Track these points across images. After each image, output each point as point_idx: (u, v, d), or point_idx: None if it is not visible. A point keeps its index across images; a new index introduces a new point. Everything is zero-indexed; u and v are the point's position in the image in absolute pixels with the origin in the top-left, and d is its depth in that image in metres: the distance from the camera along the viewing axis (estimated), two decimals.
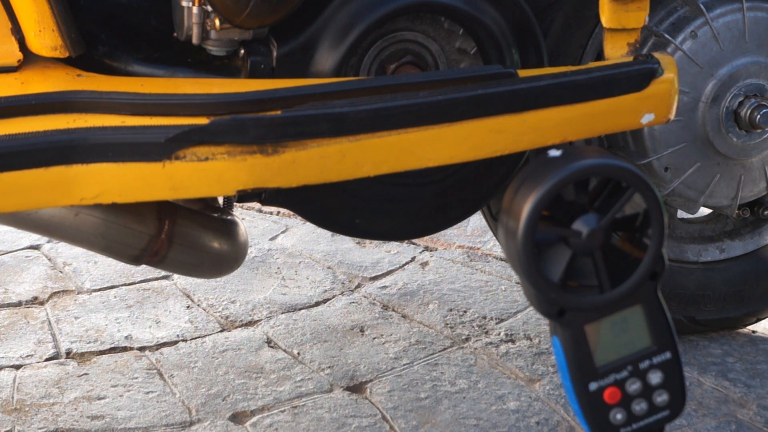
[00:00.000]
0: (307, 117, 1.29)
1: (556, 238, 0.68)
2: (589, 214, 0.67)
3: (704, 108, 1.66)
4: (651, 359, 0.69)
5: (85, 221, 1.43)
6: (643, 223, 0.68)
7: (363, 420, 1.67)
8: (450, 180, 1.52)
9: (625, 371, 0.69)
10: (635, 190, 0.67)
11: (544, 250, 0.68)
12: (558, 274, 0.67)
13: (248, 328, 1.97)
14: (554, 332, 0.69)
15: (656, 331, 0.69)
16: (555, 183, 0.67)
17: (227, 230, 1.53)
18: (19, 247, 2.36)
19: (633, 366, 0.69)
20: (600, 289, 0.68)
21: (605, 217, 0.67)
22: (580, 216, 0.67)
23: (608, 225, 0.67)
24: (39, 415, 1.70)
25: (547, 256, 0.68)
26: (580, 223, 0.67)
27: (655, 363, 0.69)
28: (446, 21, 1.47)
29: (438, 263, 2.23)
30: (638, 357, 0.69)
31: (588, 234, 0.67)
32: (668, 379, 0.69)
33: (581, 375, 0.69)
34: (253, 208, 2.56)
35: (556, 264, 0.68)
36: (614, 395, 0.70)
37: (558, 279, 0.67)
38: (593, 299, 0.68)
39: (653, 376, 0.69)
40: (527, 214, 0.66)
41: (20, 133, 1.24)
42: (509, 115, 1.36)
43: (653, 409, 0.70)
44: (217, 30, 1.37)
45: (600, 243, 0.67)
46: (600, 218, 0.67)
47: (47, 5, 1.32)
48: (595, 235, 0.67)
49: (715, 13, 1.65)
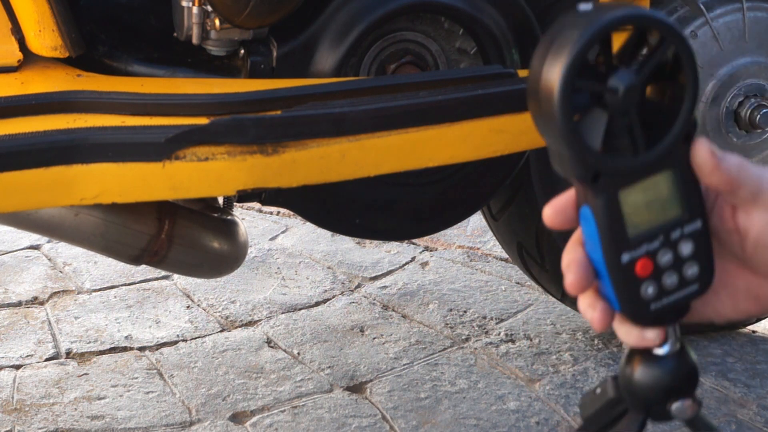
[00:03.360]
0: (307, 117, 1.29)
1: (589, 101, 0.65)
2: (622, 71, 0.65)
3: (704, 108, 1.66)
4: (682, 228, 0.67)
5: (85, 221, 1.43)
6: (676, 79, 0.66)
7: (363, 420, 1.67)
8: (450, 180, 1.52)
9: (657, 241, 0.67)
10: (670, 41, 0.65)
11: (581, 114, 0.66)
12: (596, 138, 0.65)
13: (248, 328, 1.97)
14: (585, 201, 0.67)
15: (688, 198, 0.67)
16: (592, 34, 0.64)
17: (227, 230, 1.53)
18: (19, 247, 2.36)
19: (665, 236, 0.67)
20: (635, 150, 0.66)
21: (642, 71, 0.65)
22: (612, 74, 0.65)
23: (645, 80, 0.65)
24: (39, 415, 1.69)
25: (583, 121, 0.66)
26: (615, 80, 0.65)
27: (686, 233, 0.67)
28: (446, 21, 1.47)
29: (438, 263, 2.23)
30: (670, 226, 0.67)
31: (625, 90, 0.65)
32: (699, 249, 0.67)
33: (614, 245, 0.67)
34: (253, 208, 2.56)
35: (593, 129, 0.66)
36: (646, 267, 0.67)
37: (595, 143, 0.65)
38: (629, 161, 0.66)
39: (684, 246, 0.67)
40: (564, 70, 0.64)
41: (20, 133, 1.24)
42: (509, 115, 1.36)
43: (683, 282, 0.68)
44: (217, 30, 1.37)
45: (637, 100, 0.65)
46: (635, 73, 0.65)
47: (47, 5, 1.32)
48: (632, 91, 0.65)
49: (715, 13, 1.65)
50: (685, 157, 0.66)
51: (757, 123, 1.65)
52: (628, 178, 0.66)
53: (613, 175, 0.65)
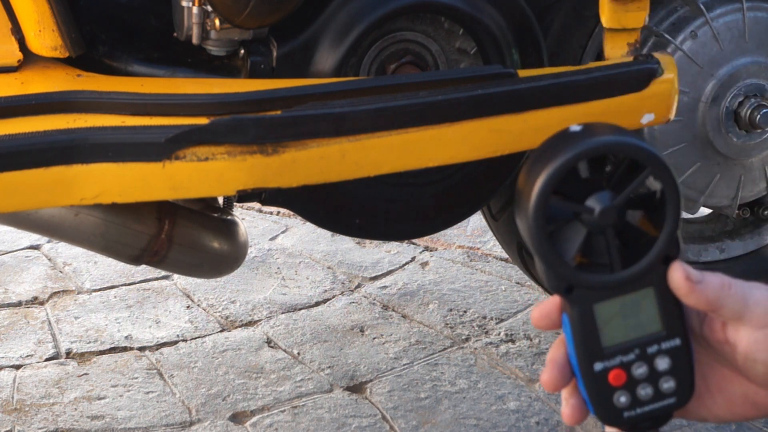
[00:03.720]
0: (307, 117, 1.29)
1: (570, 214, 0.68)
2: (604, 192, 0.67)
3: (704, 108, 1.66)
4: (660, 344, 0.69)
5: (85, 221, 1.43)
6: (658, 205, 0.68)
7: (363, 420, 1.67)
8: (450, 180, 1.52)
9: (632, 354, 0.69)
10: (651, 170, 0.67)
11: (559, 226, 0.68)
12: (571, 251, 0.67)
13: (248, 328, 1.97)
14: (563, 309, 0.69)
15: (667, 316, 0.69)
16: (571, 157, 0.66)
17: (227, 230, 1.53)
18: (19, 247, 2.36)
19: (641, 349, 0.69)
20: (610, 268, 0.68)
21: (619, 196, 0.67)
22: (594, 193, 0.67)
23: (622, 204, 0.67)
24: (39, 415, 1.69)
25: (561, 232, 0.68)
26: (593, 200, 0.67)
27: (663, 348, 0.69)
28: (446, 21, 1.47)
29: (438, 263, 2.23)
30: (647, 341, 0.69)
31: (600, 211, 0.67)
32: (676, 365, 0.69)
33: (587, 354, 0.69)
34: (253, 208, 2.56)
35: (570, 241, 0.68)
36: (619, 377, 0.69)
37: (569, 256, 0.67)
38: (602, 278, 0.68)
39: (661, 361, 0.69)
40: (541, 185, 0.66)
41: (20, 133, 1.24)
42: (509, 115, 1.36)
43: (659, 395, 0.69)
44: (217, 30, 1.37)
45: (612, 222, 0.67)
46: (614, 197, 0.67)
47: (47, 5, 1.32)
48: (608, 213, 0.67)
49: (715, 13, 1.65)
50: (665, 277, 0.68)
51: (757, 123, 1.65)
52: (603, 293, 0.68)
53: (588, 289, 0.67)
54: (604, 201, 0.66)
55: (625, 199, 0.66)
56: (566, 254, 0.67)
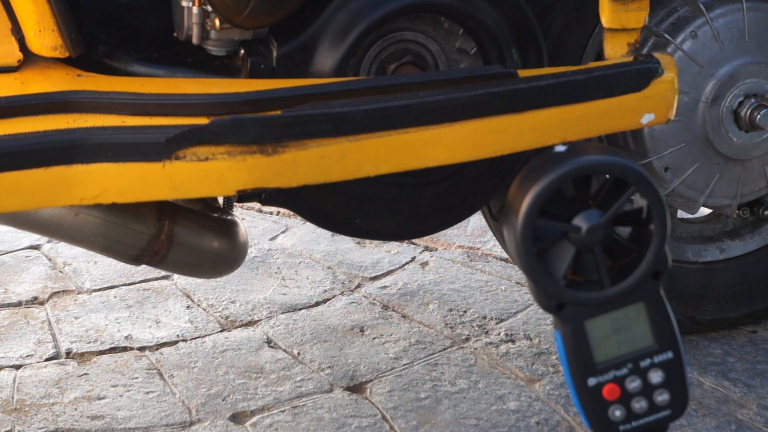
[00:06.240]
0: (307, 117, 1.29)
1: (558, 233, 0.68)
2: (591, 210, 0.68)
3: (704, 108, 1.66)
4: (652, 358, 0.69)
5: (85, 221, 1.43)
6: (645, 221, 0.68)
7: (363, 420, 1.67)
8: (450, 180, 1.52)
9: (625, 368, 0.70)
10: (637, 188, 0.67)
11: (548, 245, 0.68)
12: (560, 268, 0.68)
13: (248, 328, 1.97)
14: (556, 326, 0.70)
15: (659, 330, 0.69)
16: (555, 178, 0.67)
17: (227, 230, 1.53)
18: (19, 247, 2.36)
19: (633, 364, 0.70)
20: (600, 285, 0.68)
21: (606, 214, 0.67)
22: (581, 212, 0.68)
23: (608, 222, 0.67)
24: (39, 415, 1.70)
25: (550, 251, 0.68)
26: (580, 219, 0.68)
27: (656, 362, 0.69)
28: (446, 21, 1.47)
29: (438, 263, 2.23)
30: (639, 355, 0.69)
31: (587, 230, 0.67)
32: (670, 378, 0.69)
33: (580, 370, 0.69)
34: (253, 208, 2.56)
35: (559, 259, 0.68)
36: (613, 392, 0.70)
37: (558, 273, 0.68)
38: (592, 295, 0.69)
39: (654, 375, 0.69)
40: (527, 207, 0.67)
41: (20, 133, 1.24)
42: (509, 115, 1.36)
43: (653, 407, 0.70)
44: (217, 30, 1.37)
45: (600, 239, 0.68)
46: (601, 215, 0.68)
47: (47, 5, 1.32)
48: (595, 232, 0.68)
49: (715, 13, 1.65)
50: (656, 292, 0.68)
51: (757, 123, 1.65)
52: (594, 310, 0.68)
53: (578, 306, 0.67)
54: (591, 219, 0.66)
55: (612, 217, 0.66)
56: (556, 272, 0.67)
